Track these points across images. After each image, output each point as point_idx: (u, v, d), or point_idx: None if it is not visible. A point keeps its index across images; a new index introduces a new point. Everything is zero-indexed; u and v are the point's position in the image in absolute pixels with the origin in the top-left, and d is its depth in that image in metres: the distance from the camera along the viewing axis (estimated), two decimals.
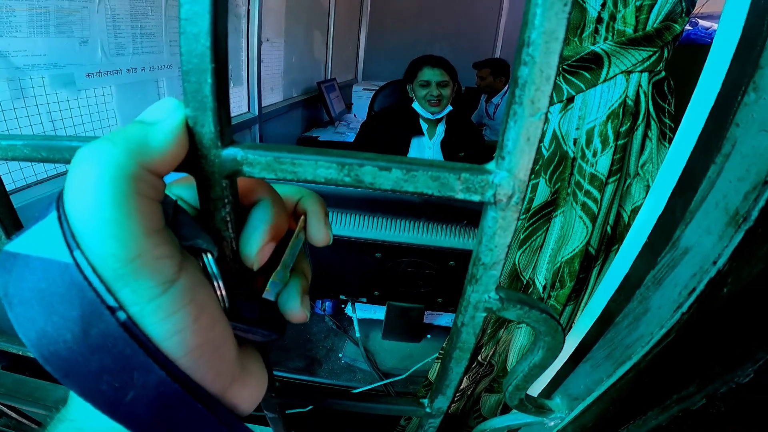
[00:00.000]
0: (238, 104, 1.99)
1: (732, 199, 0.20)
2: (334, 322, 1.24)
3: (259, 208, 0.21)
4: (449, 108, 1.73)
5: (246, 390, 0.22)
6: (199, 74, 0.16)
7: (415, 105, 1.73)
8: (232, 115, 2.00)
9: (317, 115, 3.11)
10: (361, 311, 1.19)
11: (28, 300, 0.16)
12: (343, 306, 1.25)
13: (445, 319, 1.19)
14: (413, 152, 1.77)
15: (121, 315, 0.16)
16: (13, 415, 0.63)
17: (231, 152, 0.17)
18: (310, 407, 0.90)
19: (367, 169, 0.17)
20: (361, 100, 3.07)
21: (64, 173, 1.11)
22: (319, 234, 0.24)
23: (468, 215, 0.80)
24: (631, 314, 0.25)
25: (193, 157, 0.17)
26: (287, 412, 0.39)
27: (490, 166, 0.18)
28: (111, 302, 0.16)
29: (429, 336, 1.20)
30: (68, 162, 0.19)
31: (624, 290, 0.29)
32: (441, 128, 1.77)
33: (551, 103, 0.17)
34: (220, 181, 0.18)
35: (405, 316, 1.08)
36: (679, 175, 0.29)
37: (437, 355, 0.77)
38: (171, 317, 0.17)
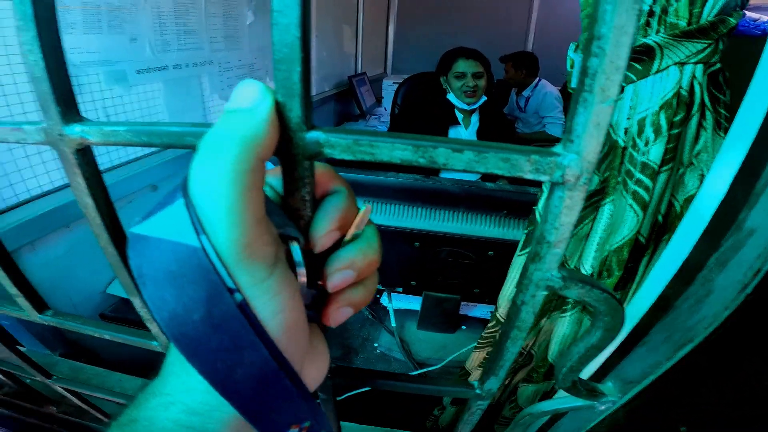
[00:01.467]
0: None
1: None
2: (370, 311, 1.26)
3: (336, 196, 0.22)
4: (484, 98, 1.72)
5: (314, 367, 0.24)
6: (289, 63, 0.17)
7: (450, 96, 1.73)
8: None
9: (349, 109, 3.14)
10: (396, 301, 1.21)
11: (160, 281, 0.17)
12: (378, 296, 1.27)
13: (480, 311, 1.19)
14: None
15: (238, 296, 0.17)
16: (75, 400, 0.68)
17: (314, 135, 0.19)
18: (360, 390, 0.92)
19: (441, 150, 0.18)
20: (391, 93, 3.06)
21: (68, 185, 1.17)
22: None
23: (507, 205, 0.80)
24: (693, 297, 0.25)
25: (280, 141, 0.19)
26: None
27: (557, 149, 0.18)
28: (230, 284, 0.17)
29: (464, 327, 1.21)
30: (165, 146, 0.21)
31: (682, 275, 0.29)
32: (475, 119, 1.77)
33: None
34: (302, 162, 0.20)
35: (441, 306, 1.09)
36: (740, 162, 0.28)
37: (474, 345, 0.78)
38: (276, 297, 0.18)
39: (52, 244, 1.05)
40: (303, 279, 0.21)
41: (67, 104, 0.22)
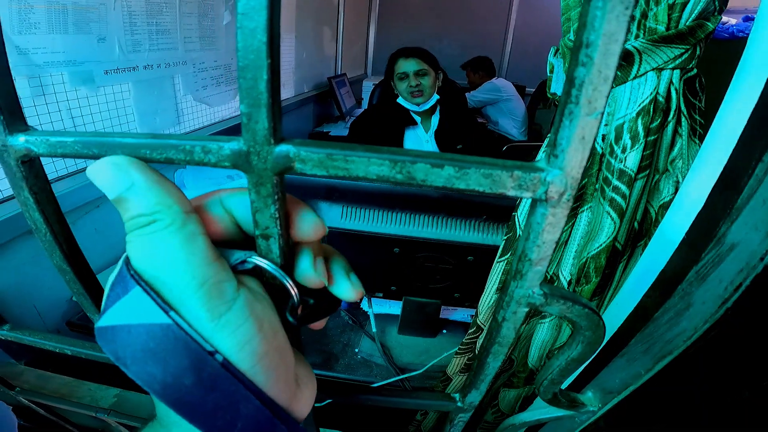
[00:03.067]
0: None
1: None
2: (350, 317, 1.25)
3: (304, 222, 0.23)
4: (436, 97, 1.66)
5: (304, 395, 0.24)
6: (255, 70, 0.16)
7: (400, 100, 1.67)
8: None
9: (328, 111, 3.12)
10: (377, 306, 1.20)
11: (141, 359, 0.18)
12: (358, 301, 1.26)
13: (461, 314, 1.19)
14: (408, 145, 1.72)
15: (219, 357, 0.19)
16: (41, 411, 0.65)
17: (284, 149, 0.18)
18: (328, 401, 0.91)
19: (420, 166, 0.17)
20: None
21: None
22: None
23: (487, 210, 0.79)
24: (672, 310, 0.25)
25: (246, 155, 0.18)
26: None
27: (541, 164, 0.18)
28: (209, 348, 0.18)
29: (445, 331, 1.20)
30: None
31: (660, 285, 0.29)
32: (435, 119, 1.72)
33: None
34: (271, 178, 0.18)
35: (421, 311, 1.08)
36: (719, 173, 0.28)
37: (456, 350, 0.78)
38: (239, 329, 0.19)
39: (16, 251, 1.00)
40: (294, 291, 0.22)
41: (10, 113, 0.20)
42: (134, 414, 0.67)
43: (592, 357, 0.37)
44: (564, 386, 0.43)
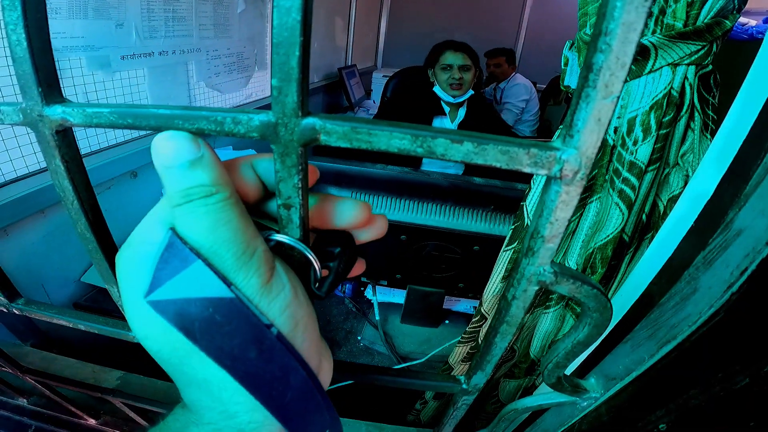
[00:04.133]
0: (261, 88, 2.01)
1: None
2: (354, 304, 1.26)
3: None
4: (471, 92, 1.72)
5: (324, 367, 0.25)
6: (288, 47, 0.17)
7: (437, 89, 1.73)
8: (257, 98, 2.02)
9: (337, 101, 3.12)
10: (380, 294, 1.21)
11: (208, 332, 0.19)
12: (362, 289, 1.27)
13: (464, 306, 1.20)
14: None
15: (274, 330, 0.20)
16: (46, 392, 0.66)
17: (310, 121, 0.18)
18: (341, 384, 0.92)
19: (440, 141, 0.18)
20: (381, 86, 3.06)
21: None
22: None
23: (495, 200, 0.80)
24: (678, 294, 0.26)
25: (274, 126, 0.18)
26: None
27: (557, 143, 0.18)
28: (266, 321, 0.20)
29: (447, 321, 1.21)
30: (153, 129, 0.21)
31: (667, 272, 0.29)
32: (462, 112, 1.78)
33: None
34: (297, 149, 0.19)
35: (425, 300, 1.09)
36: (728, 164, 0.29)
37: (458, 339, 0.79)
38: (279, 296, 0.20)
39: (26, 231, 1.02)
40: (315, 262, 0.23)
41: (49, 85, 0.21)
42: (139, 395, 0.68)
43: (599, 341, 0.38)
44: (568, 373, 0.44)
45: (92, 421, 0.76)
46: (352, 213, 0.24)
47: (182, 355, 0.20)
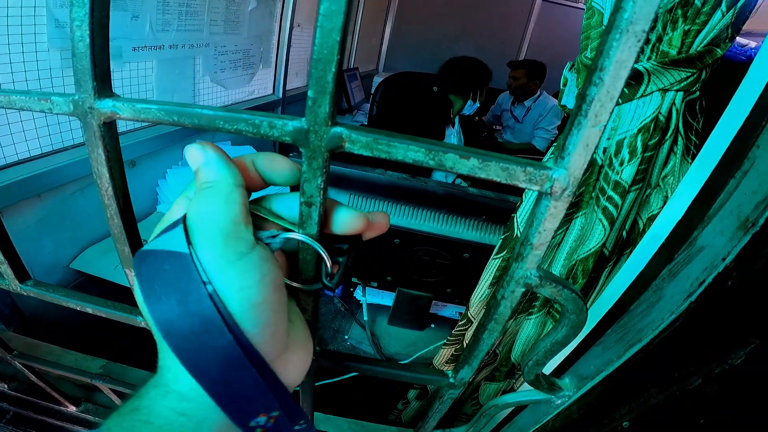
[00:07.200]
0: (264, 86, 2.02)
1: (744, 208, 0.24)
2: (343, 304, 1.29)
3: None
4: (476, 104, 1.95)
5: (295, 357, 0.26)
6: (326, 63, 0.20)
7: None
8: (258, 95, 2.03)
9: (337, 102, 3.14)
10: (370, 296, 1.23)
11: (150, 276, 0.22)
12: (352, 289, 1.29)
13: (450, 311, 1.23)
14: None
15: (209, 287, 0.21)
16: (31, 376, 0.66)
17: (338, 131, 0.21)
18: (327, 381, 0.94)
19: (450, 156, 0.21)
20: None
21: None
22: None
23: (487, 210, 0.83)
24: (645, 302, 0.29)
25: (306, 132, 0.21)
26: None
27: (549, 163, 0.21)
28: (204, 278, 0.21)
29: (433, 326, 1.24)
30: (196, 127, 0.23)
31: (639, 283, 0.33)
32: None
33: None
34: (323, 154, 0.22)
35: (413, 303, 1.12)
36: (699, 188, 0.32)
37: (444, 341, 0.81)
38: (242, 276, 0.22)
39: (21, 214, 1.02)
40: (325, 255, 0.25)
41: (103, 80, 0.24)
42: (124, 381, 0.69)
43: (575, 343, 0.41)
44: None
45: (72, 408, 0.77)
46: (350, 224, 0.26)
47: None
